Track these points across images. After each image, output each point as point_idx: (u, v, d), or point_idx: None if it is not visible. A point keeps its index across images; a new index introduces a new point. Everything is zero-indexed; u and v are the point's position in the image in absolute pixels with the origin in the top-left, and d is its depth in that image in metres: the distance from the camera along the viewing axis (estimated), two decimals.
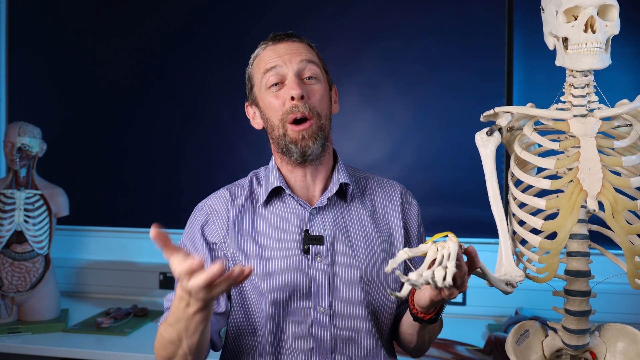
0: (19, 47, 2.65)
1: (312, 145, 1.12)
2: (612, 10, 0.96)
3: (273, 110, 1.14)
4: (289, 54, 1.13)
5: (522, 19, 2.18)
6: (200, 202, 1.24)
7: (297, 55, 1.14)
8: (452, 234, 0.87)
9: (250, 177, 1.26)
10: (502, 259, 1.04)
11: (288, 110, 1.11)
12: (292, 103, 1.11)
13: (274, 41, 1.16)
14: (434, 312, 1.03)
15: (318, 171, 1.18)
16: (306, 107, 1.11)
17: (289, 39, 1.16)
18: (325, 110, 1.16)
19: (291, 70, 1.12)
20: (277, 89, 1.13)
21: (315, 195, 1.19)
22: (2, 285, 2.02)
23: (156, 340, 1.08)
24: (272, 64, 1.13)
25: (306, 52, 1.16)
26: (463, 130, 2.17)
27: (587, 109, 1.00)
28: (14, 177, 2.06)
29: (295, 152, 1.12)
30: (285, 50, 1.14)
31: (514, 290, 1.02)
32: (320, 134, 1.13)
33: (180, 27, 2.47)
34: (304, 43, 1.18)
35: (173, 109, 2.49)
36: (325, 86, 1.18)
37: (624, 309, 1.99)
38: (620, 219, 0.94)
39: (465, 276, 0.89)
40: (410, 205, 1.26)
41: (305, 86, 1.13)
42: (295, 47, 1.15)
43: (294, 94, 1.10)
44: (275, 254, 1.13)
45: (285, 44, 1.15)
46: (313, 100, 1.13)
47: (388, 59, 2.30)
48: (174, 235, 2.78)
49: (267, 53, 1.15)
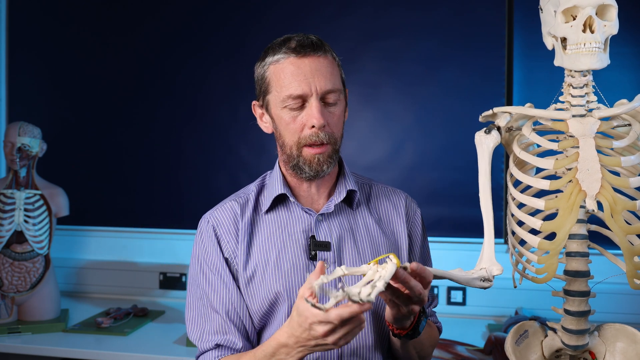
0: (19, 47, 2.65)
1: (326, 169, 1.11)
2: (610, 10, 0.96)
3: (289, 131, 1.09)
4: (314, 75, 1.06)
5: (522, 19, 2.18)
6: (206, 215, 1.20)
7: (323, 78, 1.06)
8: (394, 255, 0.87)
9: (257, 183, 1.23)
10: (483, 254, 1.03)
11: (307, 136, 1.08)
12: (313, 131, 1.07)
13: (297, 54, 1.07)
14: (410, 327, 1.02)
15: (323, 181, 1.17)
16: (325, 136, 1.08)
17: (314, 53, 1.07)
18: (340, 131, 1.13)
19: (315, 94, 1.06)
20: (296, 109, 1.08)
21: (320, 202, 1.18)
22: (2, 285, 2.02)
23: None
24: (296, 89, 1.05)
25: (331, 72, 1.08)
26: (463, 130, 2.17)
27: (585, 109, 1.00)
28: (14, 177, 2.06)
29: (308, 172, 1.11)
30: (310, 68, 1.06)
31: (491, 285, 1.02)
32: (335, 156, 1.12)
33: (180, 27, 2.47)
34: (328, 57, 1.09)
35: (173, 109, 2.49)
36: (343, 102, 1.14)
37: (623, 309, 1.99)
38: (619, 219, 0.94)
39: (421, 293, 0.90)
40: (414, 214, 1.25)
41: (327, 112, 1.09)
42: (322, 66, 1.07)
43: (315, 124, 1.06)
44: (282, 261, 1.11)
45: (310, 59, 1.06)
46: (332, 126, 1.09)
47: (388, 59, 2.30)
48: (174, 235, 2.77)
49: (290, 68, 1.06)
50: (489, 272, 1.01)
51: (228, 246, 1.14)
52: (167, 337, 1.91)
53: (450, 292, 2.22)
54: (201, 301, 1.13)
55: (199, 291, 1.14)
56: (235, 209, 1.17)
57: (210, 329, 1.11)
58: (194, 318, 1.14)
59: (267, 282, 1.11)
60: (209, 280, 1.13)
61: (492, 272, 1.01)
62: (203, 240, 1.16)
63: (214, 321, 1.11)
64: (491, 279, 1.01)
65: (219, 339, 1.10)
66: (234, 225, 1.15)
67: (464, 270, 1.05)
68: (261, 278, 1.11)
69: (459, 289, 2.20)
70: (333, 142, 1.10)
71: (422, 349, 1.16)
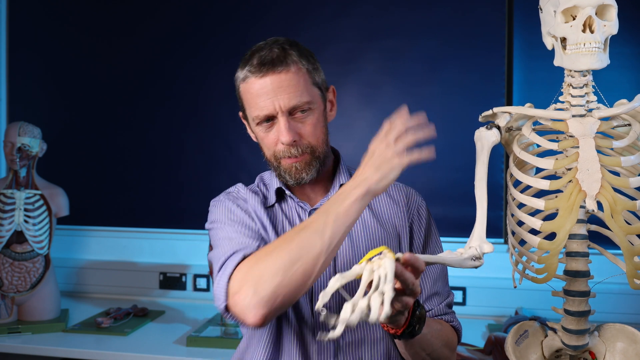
0: (19, 47, 2.65)
1: (306, 176, 1.12)
2: (610, 10, 0.96)
3: (265, 145, 1.14)
4: (276, 93, 1.06)
5: (522, 19, 2.18)
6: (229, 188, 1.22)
7: (285, 93, 1.06)
8: (387, 248, 0.81)
9: (257, 182, 1.25)
10: (474, 233, 1.01)
11: (280, 151, 1.10)
12: (284, 147, 1.09)
13: (259, 72, 1.06)
14: (405, 323, 0.97)
15: (318, 179, 1.17)
16: (298, 150, 1.09)
17: (274, 70, 1.06)
18: (320, 137, 1.13)
19: (279, 110, 1.06)
20: (267, 126, 1.10)
21: (317, 199, 1.19)
22: (2, 285, 2.02)
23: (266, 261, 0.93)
24: (262, 110, 1.07)
25: (296, 82, 1.07)
26: (463, 130, 2.16)
27: (585, 109, 0.99)
28: (14, 177, 2.06)
29: (290, 180, 1.13)
30: (272, 87, 1.06)
31: (482, 263, 0.98)
32: (315, 163, 1.12)
33: (180, 27, 2.47)
34: (291, 69, 1.07)
35: (173, 109, 2.49)
36: (320, 108, 1.13)
37: (624, 309, 1.99)
38: (619, 219, 0.93)
39: (414, 284, 0.86)
40: (417, 206, 1.24)
41: (298, 124, 1.09)
42: (283, 82, 1.06)
43: (284, 141, 1.07)
44: None
45: (272, 77, 1.06)
46: (306, 136, 1.10)
47: (388, 58, 2.30)
48: (174, 234, 2.77)
49: (254, 88, 1.08)
50: (480, 250, 0.98)
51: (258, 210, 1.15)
52: (167, 337, 1.91)
53: None
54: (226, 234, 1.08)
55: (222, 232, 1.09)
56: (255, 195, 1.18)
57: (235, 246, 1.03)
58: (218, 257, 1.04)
59: None
60: (235, 213, 1.12)
61: (482, 249, 0.98)
62: (231, 195, 1.18)
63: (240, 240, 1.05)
64: (481, 257, 0.99)
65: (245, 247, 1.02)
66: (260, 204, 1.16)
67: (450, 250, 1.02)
68: None
69: (459, 288, 2.20)
70: (310, 151, 1.11)
71: (433, 350, 1.10)
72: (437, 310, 1.21)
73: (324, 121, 1.15)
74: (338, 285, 0.77)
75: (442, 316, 1.22)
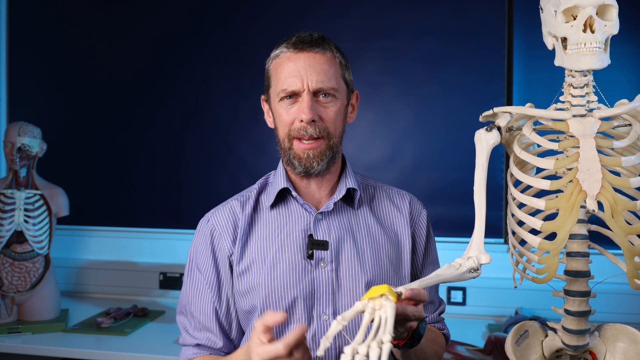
0: (19, 47, 2.65)
1: (317, 166, 1.10)
2: (611, 10, 0.96)
3: (282, 123, 1.11)
4: (307, 70, 1.07)
5: (522, 19, 2.18)
6: (207, 214, 1.21)
7: (315, 73, 1.07)
8: (389, 288, 0.79)
9: (261, 181, 1.24)
10: (472, 243, 1.01)
11: (296, 129, 1.09)
12: (302, 125, 1.08)
13: (295, 49, 1.09)
14: (408, 336, 0.99)
15: (324, 179, 1.16)
16: (316, 130, 1.08)
17: (311, 48, 1.08)
18: (338, 128, 1.13)
19: (307, 88, 1.07)
20: (290, 102, 1.09)
21: (321, 200, 1.18)
22: (2, 285, 2.02)
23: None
24: (290, 84, 1.08)
25: (328, 67, 1.09)
26: (463, 130, 2.17)
27: (586, 109, 0.99)
28: (14, 177, 2.06)
29: (299, 167, 1.11)
30: (305, 64, 1.07)
31: (479, 274, 0.99)
32: (328, 153, 1.11)
33: (181, 26, 2.47)
34: (327, 53, 1.10)
35: (173, 109, 2.49)
36: (343, 101, 1.13)
37: (624, 309, 1.99)
38: (619, 220, 0.93)
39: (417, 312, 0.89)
40: (419, 215, 1.24)
41: (320, 107, 1.09)
42: (317, 61, 1.08)
43: (304, 118, 1.07)
44: (278, 260, 1.11)
45: (307, 54, 1.08)
46: (326, 121, 1.09)
47: (388, 58, 2.30)
48: (174, 234, 2.77)
49: (286, 63, 1.09)
50: (477, 261, 0.99)
51: (225, 246, 1.15)
52: (167, 337, 1.91)
53: (450, 292, 2.22)
54: (187, 297, 1.19)
55: (186, 286, 1.20)
56: (235, 208, 1.18)
57: (191, 326, 1.17)
58: (181, 310, 1.22)
59: (261, 280, 1.10)
60: (194, 279, 1.18)
61: (480, 260, 0.98)
62: (198, 239, 1.19)
63: (195, 319, 1.16)
64: (479, 268, 0.99)
65: (199, 337, 1.15)
66: (232, 224, 1.16)
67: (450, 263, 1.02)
68: (256, 275, 1.11)
69: (459, 288, 2.20)
70: (327, 136, 1.10)
71: (426, 358, 1.12)
72: (431, 318, 1.23)
73: (344, 116, 1.15)
74: (340, 328, 0.76)
75: (435, 324, 1.24)
